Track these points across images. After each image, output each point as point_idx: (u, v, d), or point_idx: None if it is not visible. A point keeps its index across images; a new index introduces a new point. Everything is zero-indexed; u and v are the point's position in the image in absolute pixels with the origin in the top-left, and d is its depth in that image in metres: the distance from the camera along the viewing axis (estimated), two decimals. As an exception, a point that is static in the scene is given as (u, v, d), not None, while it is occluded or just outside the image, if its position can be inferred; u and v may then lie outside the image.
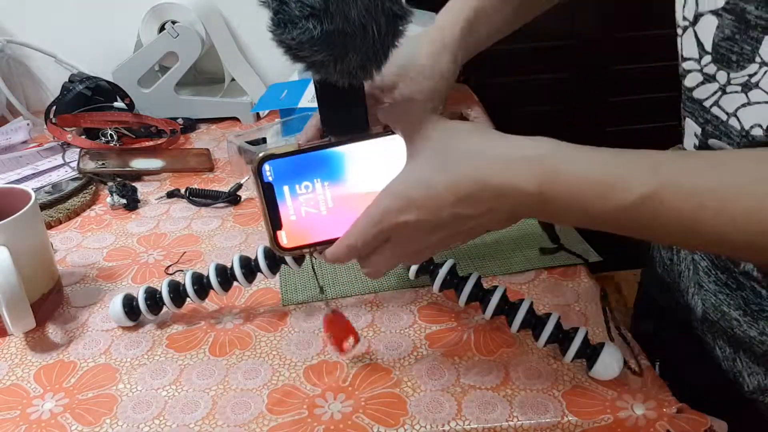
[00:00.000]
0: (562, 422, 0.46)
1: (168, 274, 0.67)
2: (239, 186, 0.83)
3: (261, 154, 0.43)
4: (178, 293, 0.57)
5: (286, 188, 0.44)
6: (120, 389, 0.52)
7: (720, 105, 0.44)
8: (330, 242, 0.45)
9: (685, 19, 0.45)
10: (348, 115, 0.44)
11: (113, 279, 0.67)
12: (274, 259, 0.56)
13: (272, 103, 1.01)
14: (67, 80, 1.08)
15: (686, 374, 0.51)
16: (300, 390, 0.50)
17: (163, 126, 1.05)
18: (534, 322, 0.52)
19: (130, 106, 1.08)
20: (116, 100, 1.08)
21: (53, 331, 0.59)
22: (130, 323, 0.58)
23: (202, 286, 0.57)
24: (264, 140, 0.89)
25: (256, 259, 0.56)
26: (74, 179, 0.87)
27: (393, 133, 0.44)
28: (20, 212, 0.57)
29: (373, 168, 0.44)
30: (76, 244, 0.74)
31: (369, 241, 0.43)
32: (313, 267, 0.53)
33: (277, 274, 0.65)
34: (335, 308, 0.54)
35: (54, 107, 1.01)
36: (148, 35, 1.10)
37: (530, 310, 0.52)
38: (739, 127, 0.43)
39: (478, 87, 1.10)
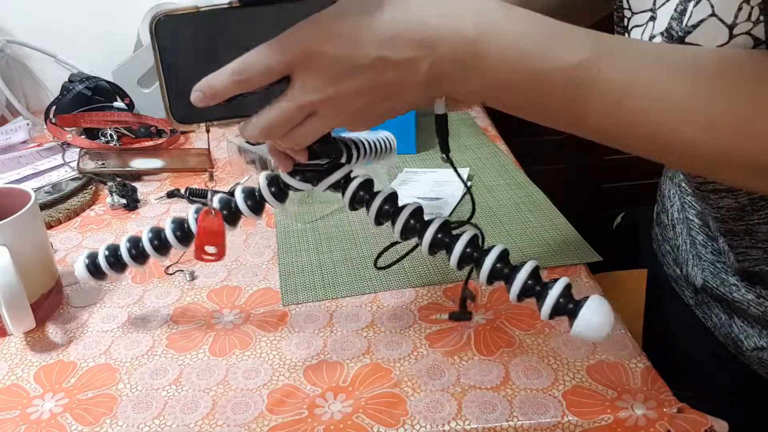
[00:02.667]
0: (562, 422, 0.46)
1: (168, 274, 0.67)
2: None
3: (158, 14, 0.38)
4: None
5: (184, 52, 0.40)
6: (120, 389, 0.52)
7: None
8: (233, 116, 0.40)
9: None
10: None
11: (113, 279, 0.67)
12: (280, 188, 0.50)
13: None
14: (67, 80, 1.08)
15: (692, 347, 0.53)
16: (300, 390, 0.50)
17: (163, 126, 1.05)
18: (507, 273, 0.43)
19: (130, 106, 1.08)
20: (116, 100, 1.09)
21: (53, 331, 0.59)
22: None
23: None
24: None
25: (259, 190, 0.51)
26: (74, 179, 0.87)
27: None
28: (20, 212, 0.57)
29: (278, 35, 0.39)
30: (76, 244, 0.74)
31: (260, 73, 0.37)
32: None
33: (277, 275, 0.65)
34: (219, 211, 0.49)
35: (54, 107, 1.01)
36: (148, 35, 1.10)
37: (502, 255, 0.43)
38: None
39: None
